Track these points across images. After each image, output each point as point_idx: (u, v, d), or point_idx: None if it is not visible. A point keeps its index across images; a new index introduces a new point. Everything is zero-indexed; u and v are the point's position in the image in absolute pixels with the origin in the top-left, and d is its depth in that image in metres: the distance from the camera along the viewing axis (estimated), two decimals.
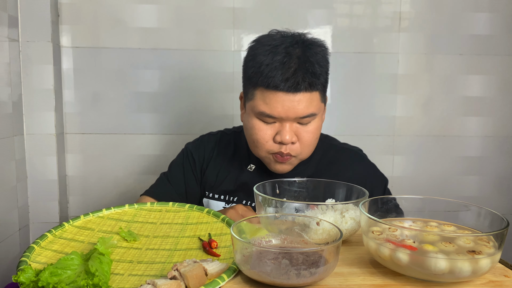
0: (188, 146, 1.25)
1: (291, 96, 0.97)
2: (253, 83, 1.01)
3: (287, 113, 0.98)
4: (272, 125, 1.02)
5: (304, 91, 0.98)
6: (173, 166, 1.23)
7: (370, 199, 0.74)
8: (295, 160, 1.07)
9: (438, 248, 0.61)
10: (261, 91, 0.99)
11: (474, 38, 1.74)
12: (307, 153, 1.07)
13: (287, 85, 0.96)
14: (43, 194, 1.58)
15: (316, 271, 0.57)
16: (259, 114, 1.01)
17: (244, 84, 1.07)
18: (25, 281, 0.57)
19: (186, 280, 0.57)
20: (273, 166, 1.07)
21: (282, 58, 0.97)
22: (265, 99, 0.99)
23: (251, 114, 1.04)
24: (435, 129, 1.78)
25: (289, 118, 0.99)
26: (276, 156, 1.04)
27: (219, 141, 1.23)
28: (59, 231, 0.76)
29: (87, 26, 1.62)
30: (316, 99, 1.01)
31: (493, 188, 1.83)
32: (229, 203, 1.14)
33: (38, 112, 1.55)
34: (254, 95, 1.01)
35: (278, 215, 0.72)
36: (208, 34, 1.66)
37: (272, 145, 1.03)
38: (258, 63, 0.99)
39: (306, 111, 0.99)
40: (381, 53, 1.72)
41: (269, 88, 0.97)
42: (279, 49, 0.99)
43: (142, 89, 1.67)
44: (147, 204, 0.88)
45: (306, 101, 0.98)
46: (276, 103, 0.98)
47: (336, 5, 1.68)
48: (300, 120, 1.01)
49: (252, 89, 1.02)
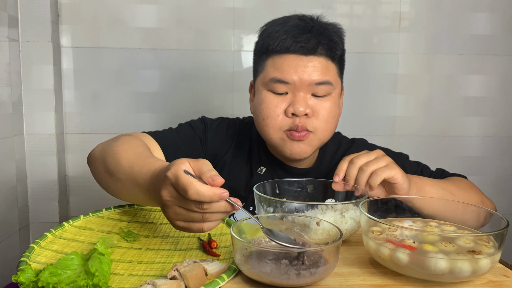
0: (205, 119, 1.12)
1: (304, 60, 0.91)
2: (264, 53, 0.95)
3: (300, 77, 0.90)
4: (284, 97, 0.93)
5: (319, 56, 0.92)
6: (183, 125, 1.10)
7: (370, 199, 0.74)
8: (314, 139, 0.96)
9: (438, 248, 0.61)
10: (272, 58, 0.93)
11: (474, 38, 1.74)
12: (324, 131, 0.96)
13: (300, 45, 0.90)
14: (43, 194, 1.58)
15: (316, 271, 0.57)
16: (270, 82, 0.93)
17: (255, 64, 1.01)
18: (25, 281, 0.57)
19: (186, 280, 0.57)
20: (289, 148, 0.96)
21: (295, 23, 0.93)
22: (276, 64, 0.92)
23: (260, 88, 0.97)
24: (435, 129, 1.78)
25: (302, 84, 0.91)
26: (291, 133, 0.93)
27: (238, 132, 1.11)
28: (59, 231, 0.76)
29: (87, 26, 1.62)
30: (333, 70, 0.94)
31: (493, 188, 1.82)
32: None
33: (38, 112, 1.55)
34: (265, 66, 0.95)
35: (278, 215, 0.72)
36: (208, 34, 1.66)
37: (284, 119, 0.93)
38: (269, 32, 0.94)
39: (322, 77, 0.91)
40: (381, 53, 1.72)
41: (281, 52, 0.92)
42: (291, 18, 0.94)
43: (142, 89, 1.67)
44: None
45: (321, 67, 0.91)
46: (288, 67, 0.90)
47: (336, 5, 1.68)
48: (315, 90, 0.92)
49: (262, 61, 0.96)
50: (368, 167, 0.81)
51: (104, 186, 0.88)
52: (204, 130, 1.09)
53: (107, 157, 0.84)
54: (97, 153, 0.91)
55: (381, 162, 0.82)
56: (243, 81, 1.69)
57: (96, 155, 0.91)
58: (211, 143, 1.08)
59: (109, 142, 0.91)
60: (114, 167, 0.80)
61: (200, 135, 1.08)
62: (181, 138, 1.05)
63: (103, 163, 0.85)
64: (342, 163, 0.85)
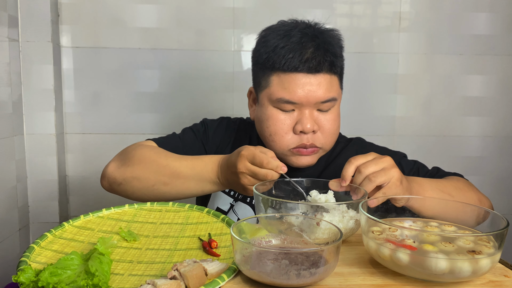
0: (206, 121, 1.16)
1: (311, 78, 0.92)
2: (268, 68, 0.95)
3: (307, 97, 0.92)
4: (290, 114, 0.95)
5: (324, 73, 0.92)
6: (186, 130, 1.14)
7: (370, 199, 0.74)
8: (321, 152, 0.99)
9: (438, 248, 0.61)
10: (278, 75, 0.93)
11: (474, 38, 1.74)
12: (330, 144, 1.00)
13: (307, 65, 0.90)
14: (43, 194, 1.58)
15: (316, 271, 0.57)
16: (277, 102, 0.94)
17: (256, 74, 1.01)
18: (25, 281, 0.57)
19: (186, 280, 0.57)
20: (295, 161, 0.99)
21: (299, 39, 0.92)
22: (283, 84, 0.92)
23: (266, 104, 0.97)
24: (435, 129, 1.78)
25: (309, 103, 0.93)
26: (299, 150, 0.96)
27: (237, 130, 1.15)
28: (59, 231, 0.76)
29: (87, 26, 1.62)
30: (336, 83, 0.96)
31: (493, 188, 1.82)
32: (237, 200, 1.09)
33: (38, 112, 1.55)
34: (270, 82, 0.95)
35: (278, 215, 0.72)
36: (208, 34, 1.66)
37: (292, 137, 0.96)
38: (272, 47, 0.94)
39: (328, 94, 0.93)
40: (381, 53, 1.72)
41: (287, 71, 0.92)
42: (293, 32, 0.93)
43: (142, 89, 1.67)
44: (147, 204, 0.88)
45: (326, 84, 0.93)
46: (296, 87, 0.91)
47: (336, 5, 1.68)
48: (320, 106, 0.95)
49: (266, 76, 0.96)
50: (376, 179, 0.78)
51: (151, 197, 0.95)
52: (205, 131, 1.12)
53: (153, 172, 0.94)
54: (127, 173, 0.96)
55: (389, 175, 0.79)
56: (243, 81, 1.69)
57: (126, 175, 0.96)
58: (212, 142, 1.11)
59: (135, 159, 0.97)
60: (170, 175, 0.93)
61: (202, 137, 1.12)
62: (183, 144, 1.09)
63: (148, 178, 0.94)
64: (348, 168, 0.81)
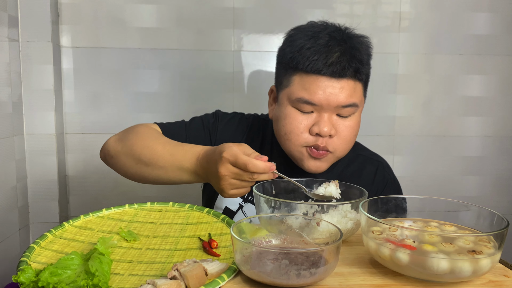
0: (218, 112, 1.13)
1: (334, 82, 0.90)
2: (292, 68, 0.94)
3: (328, 100, 0.90)
4: (309, 115, 0.94)
5: (348, 78, 0.91)
6: (195, 119, 1.12)
7: (370, 199, 0.74)
8: (331, 158, 0.97)
9: (438, 248, 0.61)
10: (300, 76, 0.92)
11: (474, 38, 1.74)
12: (343, 151, 0.98)
13: (331, 69, 0.89)
14: (43, 194, 1.58)
15: (316, 271, 0.57)
16: (296, 101, 0.93)
17: (279, 73, 1.00)
18: (25, 281, 0.57)
19: (186, 280, 0.57)
20: (306, 163, 0.97)
21: (326, 41, 0.91)
22: (305, 84, 0.91)
23: (285, 103, 0.96)
24: (435, 129, 1.78)
25: (329, 106, 0.91)
26: (311, 150, 0.95)
27: (250, 127, 1.12)
28: (59, 231, 0.76)
29: (87, 26, 1.62)
30: (359, 90, 0.95)
31: (493, 188, 1.83)
32: (246, 202, 1.07)
33: (38, 112, 1.55)
34: (292, 81, 0.94)
35: (278, 215, 0.72)
36: (208, 34, 1.66)
37: (308, 137, 0.94)
38: (298, 47, 0.92)
39: (349, 99, 0.92)
40: (381, 53, 1.72)
41: (311, 72, 0.90)
42: (321, 34, 0.92)
43: (142, 89, 1.67)
44: (147, 204, 0.88)
45: (349, 89, 0.91)
46: (317, 89, 0.90)
47: (336, 5, 1.68)
48: (341, 111, 0.93)
49: (289, 76, 0.95)
50: None
51: (135, 176, 0.95)
52: (215, 122, 1.10)
53: (138, 149, 0.92)
54: (119, 147, 0.95)
55: None
56: (243, 81, 1.69)
57: (117, 149, 0.95)
58: (221, 135, 1.09)
59: (130, 136, 0.96)
60: (150, 157, 0.91)
61: (210, 127, 1.09)
62: (187, 132, 1.08)
63: (133, 156, 0.93)
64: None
